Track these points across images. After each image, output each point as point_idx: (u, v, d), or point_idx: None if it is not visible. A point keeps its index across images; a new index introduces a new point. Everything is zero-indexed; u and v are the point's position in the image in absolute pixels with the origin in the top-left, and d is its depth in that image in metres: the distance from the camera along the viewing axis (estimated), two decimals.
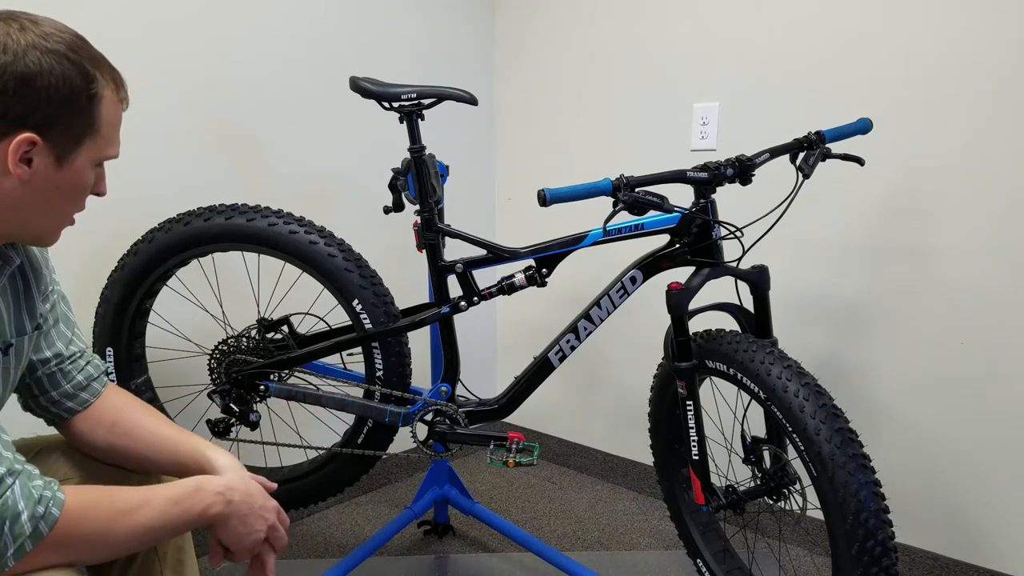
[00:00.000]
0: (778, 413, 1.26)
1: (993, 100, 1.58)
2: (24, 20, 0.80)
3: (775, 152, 1.43)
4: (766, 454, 1.45)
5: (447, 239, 1.62)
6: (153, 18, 1.68)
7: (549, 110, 2.39)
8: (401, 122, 1.53)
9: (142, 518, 0.84)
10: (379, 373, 1.55)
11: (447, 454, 1.62)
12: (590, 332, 1.50)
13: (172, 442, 1.01)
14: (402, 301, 1.78)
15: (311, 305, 2.02)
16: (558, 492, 2.33)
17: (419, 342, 2.33)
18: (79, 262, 1.63)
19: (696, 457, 1.42)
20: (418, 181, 1.54)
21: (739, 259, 1.43)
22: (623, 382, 2.33)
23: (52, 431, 1.06)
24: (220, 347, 1.57)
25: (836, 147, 1.73)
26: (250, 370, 1.55)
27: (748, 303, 1.45)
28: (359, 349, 1.56)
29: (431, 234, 1.55)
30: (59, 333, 1.02)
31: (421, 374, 2.34)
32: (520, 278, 1.50)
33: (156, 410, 1.07)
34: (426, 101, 1.50)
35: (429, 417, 1.59)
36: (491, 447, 1.56)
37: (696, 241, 1.42)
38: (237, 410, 1.56)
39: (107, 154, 0.89)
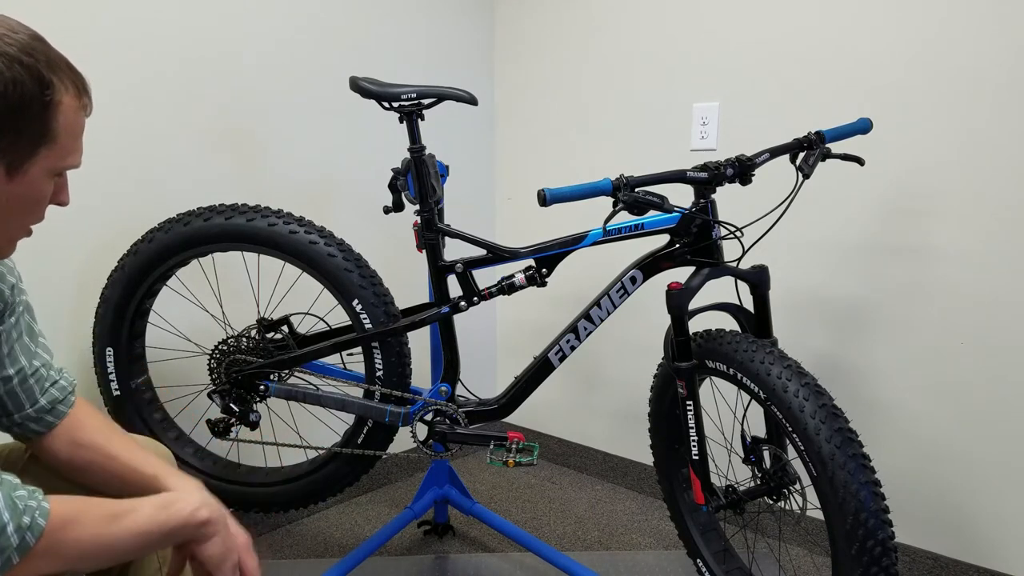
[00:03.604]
0: (778, 413, 1.26)
1: (992, 100, 1.58)
2: None
3: (775, 152, 1.43)
4: (766, 454, 1.45)
5: (447, 239, 1.62)
6: (153, 18, 1.68)
7: (549, 110, 2.39)
8: (401, 122, 1.53)
9: (130, 523, 0.82)
10: (379, 373, 1.55)
11: (447, 454, 1.62)
12: (590, 332, 1.50)
13: (135, 472, 0.98)
14: (402, 301, 1.78)
15: (311, 305, 2.02)
16: (558, 492, 2.33)
17: (419, 342, 2.33)
18: (79, 262, 1.63)
19: (696, 457, 1.42)
20: (418, 181, 1.54)
21: (739, 259, 1.43)
22: (623, 382, 2.33)
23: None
24: (220, 347, 1.57)
25: (836, 147, 1.73)
26: (250, 370, 1.55)
27: (748, 303, 1.45)
28: (359, 349, 1.56)
29: (431, 234, 1.55)
30: (23, 347, 0.97)
31: (421, 374, 2.34)
32: (520, 278, 1.50)
33: (120, 432, 1.03)
34: (426, 101, 1.50)
35: (429, 417, 1.59)
36: (491, 447, 1.56)
37: (696, 241, 1.42)
38: (237, 410, 1.56)
39: (66, 164, 0.83)
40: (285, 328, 1.59)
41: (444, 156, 2.38)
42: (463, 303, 1.54)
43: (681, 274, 1.47)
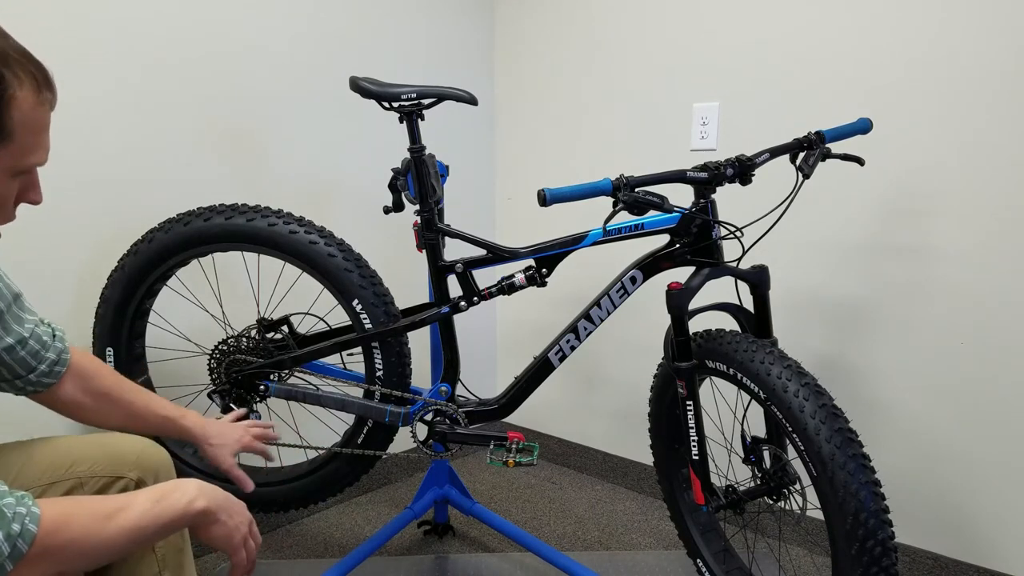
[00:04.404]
0: (778, 413, 1.26)
1: (992, 100, 1.58)
2: None
3: (775, 152, 1.43)
4: (766, 454, 1.45)
5: (447, 239, 1.62)
6: (153, 17, 1.68)
7: (549, 110, 2.39)
8: (401, 122, 1.53)
9: (124, 520, 0.81)
10: (379, 373, 1.55)
11: (447, 454, 1.62)
12: (590, 332, 1.50)
13: (153, 415, 1.17)
14: (402, 301, 1.78)
15: (311, 305, 2.02)
16: (558, 492, 2.33)
17: (419, 342, 2.33)
18: (79, 262, 1.63)
19: (696, 457, 1.42)
20: (418, 181, 1.54)
21: (739, 259, 1.43)
22: (623, 382, 2.33)
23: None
24: (220, 347, 1.57)
25: (836, 147, 1.73)
26: (250, 370, 1.55)
27: (748, 303, 1.45)
28: (359, 349, 1.56)
29: (431, 234, 1.55)
30: (14, 317, 1.00)
31: (421, 374, 2.34)
32: (520, 278, 1.50)
33: (129, 382, 1.18)
34: (426, 101, 1.50)
35: (429, 417, 1.59)
36: (491, 447, 1.56)
37: (696, 241, 1.42)
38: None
39: (27, 163, 0.79)
40: (285, 328, 1.59)
41: (444, 156, 2.38)
42: (463, 303, 1.54)
43: (681, 274, 1.47)
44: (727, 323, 1.98)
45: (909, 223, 1.72)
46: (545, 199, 1.27)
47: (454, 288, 1.57)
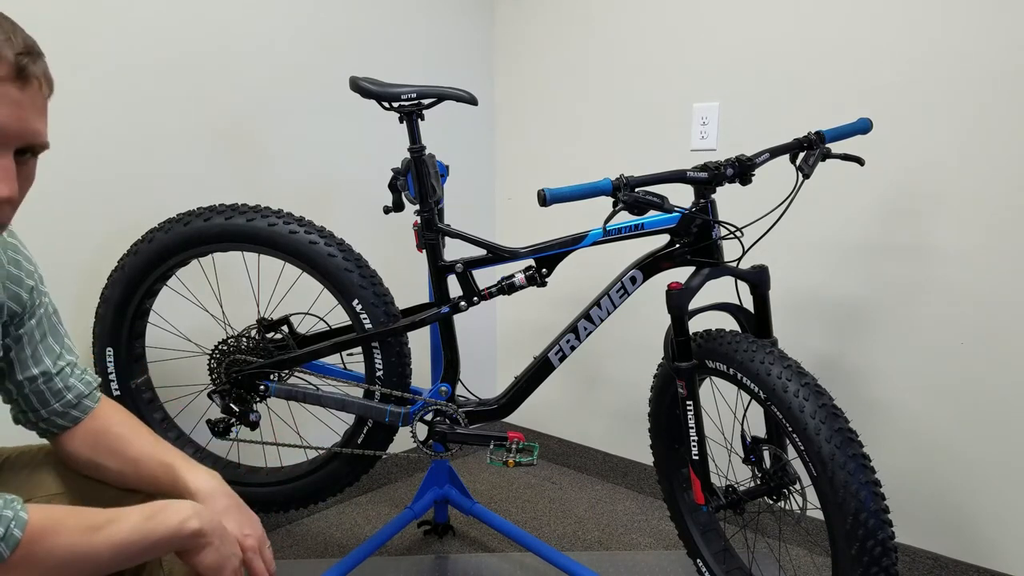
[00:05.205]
0: (778, 413, 1.26)
1: (992, 100, 1.58)
2: None
3: (775, 152, 1.43)
4: (766, 454, 1.45)
5: (447, 239, 1.62)
6: (153, 17, 1.68)
7: (549, 110, 2.39)
8: (401, 122, 1.53)
9: (113, 533, 0.79)
10: (379, 373, 1.55)
11: (447, 454, 1.62)
12: (590, 332, 1.50)
13: (151, 460, 0.98)
14: (402, 301, 1.79)
15: (311, 305, 2.02)
16: (558, 492, 2.34)
17: (419, 342, 2.33)
18: (79, 262, 1.63)
19: (696, 457, 1.42)
20: (418, 181, 1.54)
21: (739, 259, 1.43)
22: (623, 382, 2.33)
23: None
24: (220, 347, 1.57)
25: (836, 147, 1.73)
26: (250, 370, 1.55)
27: (748, 303, 1.45)
28: (359, 349, 1.56)
29: (431, 234, 1.55)
30: (47, 348, 0.97)
31: (421, 374, 2.34)
32: (520, 278, 1.50)
33: (144, 426, 1.03)
34: (426, 101, 1.50)
35: (429, 417, 1.59)
36: (491, 447, 1.56)
37: (696, 241, 1.42)
38: (237, 410, 1.56)
39: None
40: (285, 328, 1.59)
41: (444, 156, 2.38)
42: (463, 303, 1.54)
43: (681, 274, 1.47)
44: (727, 323, 1.98)
45: (909, 223, 1.72)
46: (545, 199, 1.27)
47: (454, 288, 1.58)
